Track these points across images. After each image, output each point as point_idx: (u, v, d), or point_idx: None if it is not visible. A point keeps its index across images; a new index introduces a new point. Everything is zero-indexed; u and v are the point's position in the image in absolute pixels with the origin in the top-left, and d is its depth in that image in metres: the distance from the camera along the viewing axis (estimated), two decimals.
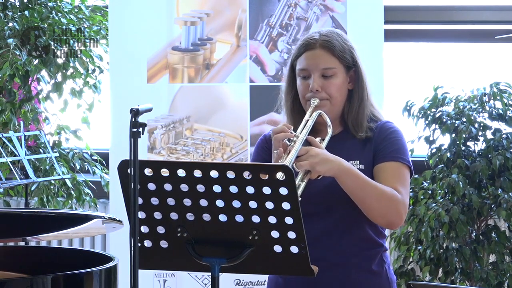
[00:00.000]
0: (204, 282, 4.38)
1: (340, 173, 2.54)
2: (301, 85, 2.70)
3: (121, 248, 2.96)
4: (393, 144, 2.67)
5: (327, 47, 2.67)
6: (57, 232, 3.22)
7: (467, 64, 5.29)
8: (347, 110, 2.71)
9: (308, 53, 2.69)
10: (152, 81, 4.46)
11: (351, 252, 2.67)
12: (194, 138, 4.46)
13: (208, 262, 2.35)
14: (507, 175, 4.34)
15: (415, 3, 5.34)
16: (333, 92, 2.67)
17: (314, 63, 2.67)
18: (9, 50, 4.88)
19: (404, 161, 2.66)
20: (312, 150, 2.52)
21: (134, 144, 2.20)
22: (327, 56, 2.67)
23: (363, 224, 2.67)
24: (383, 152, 2.66)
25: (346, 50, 2.69)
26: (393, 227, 2.67)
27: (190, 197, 2.30)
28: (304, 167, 2.50)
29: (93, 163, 5.24)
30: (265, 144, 2.77)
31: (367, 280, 2.70)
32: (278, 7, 4.43)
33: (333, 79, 2.67)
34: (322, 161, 2.52)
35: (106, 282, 2.80)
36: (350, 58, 2.70)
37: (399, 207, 2.59)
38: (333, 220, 2.65)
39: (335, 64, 2.67)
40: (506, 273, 4.37)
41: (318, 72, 2.66)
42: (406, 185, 2.64)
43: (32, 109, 5.18)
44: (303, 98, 2.70)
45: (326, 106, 2.66)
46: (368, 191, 2.56)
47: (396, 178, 2.63)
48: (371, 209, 2.58)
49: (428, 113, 4.50)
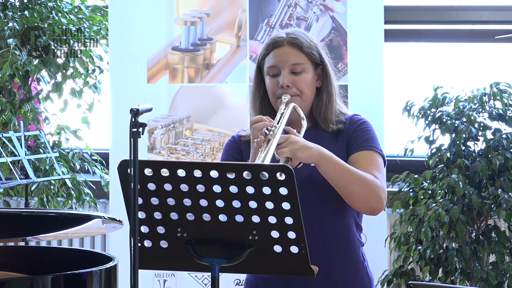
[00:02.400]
0: (204, 282, 4.38)
1: (320, 160, 2.57)
2: (270, 83, 2.73)
3: (121, 248, 2.97)
4: (365, 134, 2.73)
5: (295, 44, 2.73)
6: (57, 232, 3.22)
7: (467, 64, 5.29)
8: (315, 106, 2.76)
9: (276, 51, 2.73)
10: (152, 81, 4.46)
11: (331, 247, 2.68)
12: (194, 138, 4.46)
13: (208, 262, 2.35)
14: (507, 175, 4.34)
15: (415, 3, 5.34)
16: (303, 87, 2.72)
17: (283, 60, 2.71)
18: (9, 50, 4.88)
19: (377, 149, 2.71)
20: (292, 138, 2.55)
21: (134, 144, 2.20)
22: (295, 52, 2.73)
23: (344, 216, 2.68)
24: (356, 142, 2.71)
25: (313, 47, 2.76)
26: (374, 213, 2.68)
27: (190, 197, 2.30)
28: (285, 154, 2.52)
29: (93, 163, 5.24)
30: (234, 145, 2.81)
31: (350, 276, 2.71)
32: (278, 7, 4.43)
33: (303, 75, 2.72)
34: (303, 148, 2.55)
35: (106, 282, 2.80)
36: (317, 54, 2.76)
37: (379, 192, 2.62)
38: (313, 214, 2.66)
39: (303, 60, 2.73)
40: (506, 273, 4.36)
41: (288, 68, 2.71)
42: (382, 172, 2.69)
43: (32, 109, 5.18)
44: (273, 96, 2.73)
45: (296, 101, 2.71)
46: (349, 177, 2.59)
47: (372, 165, 2.67)
48: (353, 195, 2.60)
49: (428, 113, 4.49)
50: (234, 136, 2.83)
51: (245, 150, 2.77)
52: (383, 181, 2.66)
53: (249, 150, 2.70)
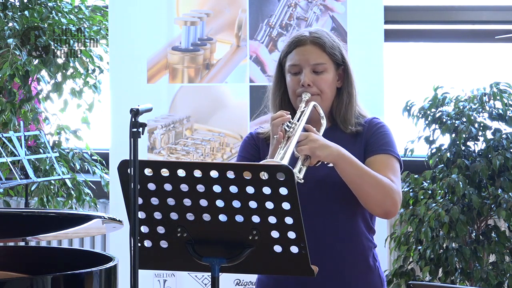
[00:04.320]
0: (204, 282, 4.38)
1: (339, 159, 2.57)
2: (291, 81, 2.73)
3: (121, 248, 2.96)
4: (383, 137, 2.72)
5: (318, 43, 2.72)
6: (57, 232, 3.22)
7: (467, 64, 5.29)
8: (335, 107, 2.75)
9: (299, 49, 2.73)
10: (152, 81, 4.46)
11: (345, 248, 2.68)
12: (194, 138, 4.46)
13: (208, 262, 2.35)
14: (507, 175, 4.34)
15: (415, 3, 5.34)
16: (324, 87, 2.71)
17: (305, 59, 2.71)
18: (9, 50, 4.88)
19: (394, 153, 2.71)
20: (312, 136, 2.56)
21: (134, 144, 2.20)
22: (318, 52, 2.72)
23: (356, 218, 2.68)
24: (373, 146, 2.70)
25: (336, 47, 2.75)
26: (388, 217, 2.70)
27: (190, 197, 2.30)
28: (305, 151, 2.53)
29: (93, 163, 5.24)
30: (252, 141, 2.80)
31: (361, 278, 2.71)
32: (278, 7, 4.43)
33: (324, 74, 2.72)
34: (322, 147, 2.55)
35: (106, 282, 2.80)
36: (339, 55, 2.75)
37: (394, 195, 2.62)
38: (325, 217, 2.66)
39: (325, 60, 2.72)
40: (506, 273, 4.36)
41: (309, 67, 2.70)
42: (398, 176, 2.69)
43: (32, 109, 5.18)
44: (293, 94, 2.73)
45: (316, 100, 2.70)
46: (366, 179, 2.59)
47: (388, 168, 2.67)
48: (368, 197, 2.60)
49: (428, 113, 4.50)
50: (252, 133, 2.82)
51: (263, 147, 2.76)
52: (399, 185, 2.65)
53: (266, 147, 2.71)
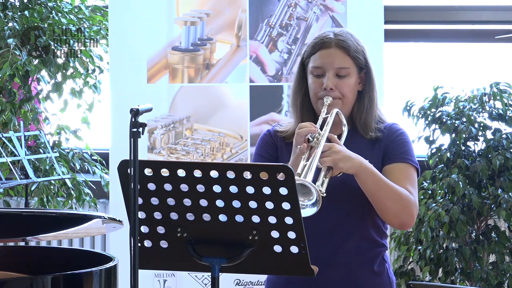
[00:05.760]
0: (204, 282, 4.38)
1: (361, 171, 2.56)
2: (313, 83, 2.70)
3: (121, 248, 2.96)
4: (402, 146, 2.70)
5: (343, 47, 2.69)
6: (57, 232, 3.22)
7: (467, 64, 5.29)
8: (356, 111, 2.73)
9: (323, 52, 2.69)
10: (152, 81, 4.46)
11: (354, 251, 2.67)
12: (194, 138, 4.46)
13: (208, 262, 2.35)
14: (507, 175, 4.34)
15: (415, 3, 5.34)
16: (346, 91, 2.68)
17: (329, 62, 2.67)
18: (9, 50, 4.88)
19: (413, 162, 2.69)
20: (335, 147, 2.54)
21: (134, 144, 2.20)
22: (342, 55, 2.68)
23: (367, 223, 2.68)
24: (393, 154, 2.68)
25: (360, 51, 2.71)
26: (404, 228, 2.72)
27: (190, 197, 2.30)
28: (327, 163, 2.51)
29: (93, 163, 5.24)
30: (270, 139, 2.77)
31: (370, 280, 2.70)
32: (278, 7, 4.43)
33: (347, 79, 2.68)
34: (345, 158, 2.53)
35: (106, 282, 2.80)
36: (363, 59, 2.72)
37: (412, 208, 2.61)
38: (337, 219, 2.66)
39: (349, 64, 2.69)
40: (506, 273, 4.37)
41: (333, 71, 2.67)
42: (416, 186, 2.68)
43: (32, 109, 5.18)
44: (315, 96, 2.70)
45: (338, 105, 2.68)
46: (386, 191, 2.58)
47: (406, 179, 2.65)
48: (386, 209, 2.60)
49: (428, 113, 4.50)
50: (270, 130, 2.79)
51: (281, 146, 2.74)
52: (416, 196, 2.64)
53: (285, 146, 2.70)
